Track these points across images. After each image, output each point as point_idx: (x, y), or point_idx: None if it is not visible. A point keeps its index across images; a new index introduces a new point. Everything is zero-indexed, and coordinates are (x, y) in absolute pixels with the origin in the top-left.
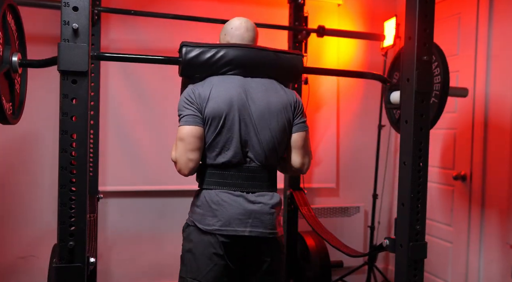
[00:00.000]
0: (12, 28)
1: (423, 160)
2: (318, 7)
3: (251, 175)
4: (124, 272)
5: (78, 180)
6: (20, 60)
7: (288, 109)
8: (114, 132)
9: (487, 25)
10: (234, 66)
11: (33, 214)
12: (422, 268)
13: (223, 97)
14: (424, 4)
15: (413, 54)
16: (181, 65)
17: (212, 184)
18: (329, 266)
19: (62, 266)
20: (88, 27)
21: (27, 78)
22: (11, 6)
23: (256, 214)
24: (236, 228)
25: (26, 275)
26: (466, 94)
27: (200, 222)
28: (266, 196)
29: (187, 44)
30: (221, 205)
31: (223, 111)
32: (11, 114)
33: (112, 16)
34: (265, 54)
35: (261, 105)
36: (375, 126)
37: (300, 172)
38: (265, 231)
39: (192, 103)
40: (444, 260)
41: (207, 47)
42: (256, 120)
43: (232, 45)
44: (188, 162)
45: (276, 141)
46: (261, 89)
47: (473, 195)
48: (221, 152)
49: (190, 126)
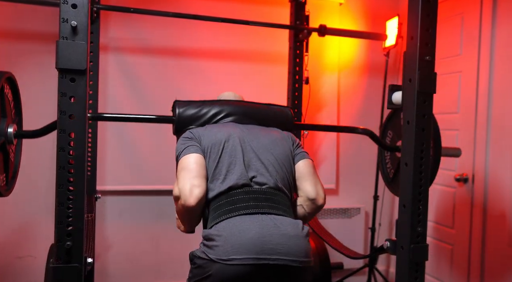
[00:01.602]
0: (9, 99)
1: (425, 161)
2: (320, 6)
3: (263, 197)
4: (122, 273)
5: (76, 179)
6: (15, 132)
7: (287, 140)
8: (113, 131)
9: (490, 25)
10: (229, 117)
11: (30, 214)
12: (423, 270)
13: (221, 131)
14: (427, 3)
15: (416, 54)
16: (175, 124)
17: (222, 215)
18: (329, 268)
19: (60, 266)
20: (87, 25)
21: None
22: (9, 79)
23: (280, 238)
24: (257, 255)
25: (23, 275)
26: (459, 154)
27: (211, 252)
28: (287, 219)
29: (180, 102)
30: (235, 230)
31: (222, 139)
32: (4, 186)
33: (111, 14)
34: (257, 106)
35: (260, 137)
36: (376, 126)
37: (316, 203)
38: (294, 258)
39: (191, 138)
40: (446, 262)
41: (201, 105)
42: (256, 148)
43: (225, 100)
44: (192, 187)
45: (280, 162)
46: (257, 128)
47: (475, 197)
48: (226, 176)
49: (191, 154)
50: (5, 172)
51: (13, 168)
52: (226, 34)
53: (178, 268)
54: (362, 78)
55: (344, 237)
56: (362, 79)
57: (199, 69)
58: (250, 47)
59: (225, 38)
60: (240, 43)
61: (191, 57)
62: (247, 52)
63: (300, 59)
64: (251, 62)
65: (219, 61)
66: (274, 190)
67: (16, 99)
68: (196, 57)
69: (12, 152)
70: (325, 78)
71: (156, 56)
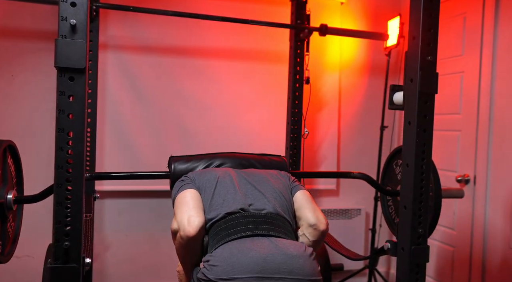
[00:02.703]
0: (10, 165)
1: (426, 162)
2: (321, 5)
3: (262, 220)
4: (120, 273)
5: (74, 179)
6: (15, 197)
7: (283, 175)
8: (112, 130)
9: (492, 25)
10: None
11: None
12: (424, 272)
13: (215, 171)
14: (429, 3)
15: (417, 54)
16: (171, 178)
17: (221, 239)
18: (329, 269)
19: (57, 266)
20: (86, 23)
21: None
22: (10, 147)
23: (283, 257)
24: (260, 274)
25: (20, 275)
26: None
27: (209, 272)
28: (290, 241)
29: (175, 158)
30: (236, 251)
31: (217, 174)
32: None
33: (111, 13)
34: (251, 156)
35: (255, 172)
36: (377, 127)
37: (318, 228)
38: (301, 278)
39: (185, 180)
40: (447, 264)
41: (195, 159)
42: (253, 181)
43: (219, 153)
44: (191, 217)
45: (279, 191)
46: (252, 169)
47: (477, 198)
48: (224, 204)
49: (187, 190)
50: (2, 239)
51: (13, 234)
52: (226, 33)
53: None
54: (363, 78)
55: (344, 238)
56: (363, 79)
57: (199, 68)
58: (250, 47)
59: (225, 37)
60: (240, 43)
61: (191, 56)
62: (247, 52)
63: (300, 59)
64: (251, 62)
65: (219, 60)
66: (274, 215)
67: (16, 166)
68: (196, 56)
69: (12, 218)
70: (326, 78)
71: (155, 55)
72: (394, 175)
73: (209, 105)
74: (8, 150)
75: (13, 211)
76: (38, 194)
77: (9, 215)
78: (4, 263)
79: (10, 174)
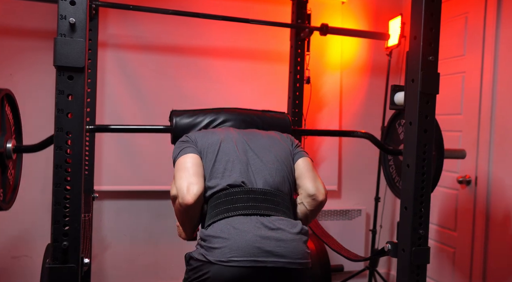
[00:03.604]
0: (8, 115)
1: (427, 162)
2: (322, 4)
3: (262, 197)
4: (119, 274)
5: (73, 178)
6: (14, 147)
7: (285, 140)
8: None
9: (494, 25)
10: (226, 123)
11: (26, 213)
12: (424, 273)
13: (217, 133)
14: (431, 3)
15: (419, 54)
16: (172, 133)
17: (220, 213)
18: (329, 270)
19: (56, 266)
20: (86, 22)
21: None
22: (7, 95)
23: (277, 241)
24: (255, 258)
25: (18, 275)
26: (464, 156)
27: (209, 254)
28: (285, 221)
29: (176, 112)
30: (233, 232)
31: (219, 139)
32: (1, 201)
33: (110, 11)
34: (254, 112)
35: (258, 137)
36: (378, 127)
37: (316, 199)
38: (291, 261)
39: (187, 141)
40: (447, 266)
41: (197, 113)
42: (255, 148)
43: (220, 108)
44: (190, 185)
45: (281, 160)
46: (256, 130)
47: (478, 199)
48: (225, 174)
49: (188, 154)
50: (3, 187)
51: (13, 182)
52: (226, 32)
53: (176, 269)
54: (364, 78)
55: (344, 239)
56: (364, 79)
57: (199, 67)
58: (250, 46)
59: (225, 37)
60: (241, 42)
61: (191, 55)
62: (247, 51)
63: (301, 59)
64: (252, 61)
65: (219, 59)
66: (274, 190)
67: (15, 115)
68: (196, 55)
69: (12, 167)
70: (327, 78)
71: (155, 54)
72: (396, 135)
73: (209, 104)
74: (5, 99)
75: (13, 160)
76: (37, 144)
77: (9, 163)
78: (5, 210)
79: (8, 123)
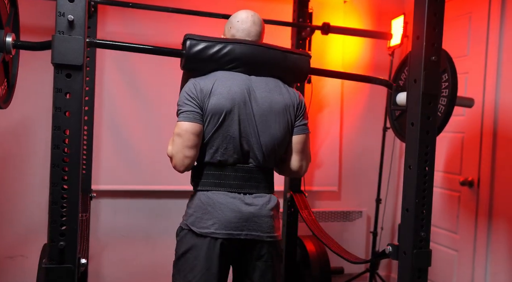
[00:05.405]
0: (7, 8)
1: (429, 164)
2: (323, 3)
3: (247, 176)
4: (116, 274)
5: (70, 177)
6: (14, 42)
7: (290, 110)
8: (109, 129)
9: (498, 25)
10: (239, 64)
11: (23, 212)
12: (426, 276)
13: (226, 94)
14: (434, 2)
15: (421, 55)
16: (184, 58)
17: (208, 185)
18: (329, 273)
19: (52, 267)
20: (84, 19)
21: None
22: None
23: (253, 217)
24: (232, 231)
25: (14, 275)
26: (472, 104)
27: (195, 225)
28: (263, 197)
29: (191, 37)
30: (217, 207)
31: (224, 109)
32: (4, 96)
33: (109, 9)
34: (273, 53)
35: (264, 106)
36: (380, 128)
37: (297, 174)
38: (262, 234)
39: (193, 98)
40: (449, 268)
41: (213, 42)
42: (258, 122)
43: (238, 41)
44: (184, 158)
45: (277, 143)
46: (264, 89)
47: (481, 201)
48: (218, 149)
49: (189, 123)
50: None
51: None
52: None
53: None
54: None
55: (345, 241)
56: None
57: None
58: None
59: None
60: None
61: None
62: None
63: None
64: None
65: None
66: (262, 168)
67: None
68: None
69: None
70: (328, 78)
71: None
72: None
73: None
74: None
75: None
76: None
77: (8, 59)
78: (3, 108)
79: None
